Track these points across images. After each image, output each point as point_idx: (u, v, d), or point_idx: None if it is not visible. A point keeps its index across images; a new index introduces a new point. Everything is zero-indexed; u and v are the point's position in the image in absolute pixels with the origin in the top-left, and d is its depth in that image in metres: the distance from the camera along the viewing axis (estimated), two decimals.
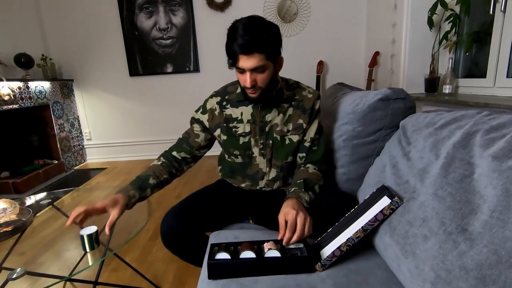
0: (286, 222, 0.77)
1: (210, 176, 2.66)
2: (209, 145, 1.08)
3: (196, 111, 1.06)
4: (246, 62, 0.83)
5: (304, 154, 1.01)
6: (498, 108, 1.40)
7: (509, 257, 0.44)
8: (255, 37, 0.80)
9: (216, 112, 1.01)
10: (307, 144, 1.01)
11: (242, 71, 0.86)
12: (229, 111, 1.00)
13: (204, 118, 1.02)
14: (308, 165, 0.99)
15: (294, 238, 0.76)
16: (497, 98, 1.62)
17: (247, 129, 0.99)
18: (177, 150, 1.04)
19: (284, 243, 0.76)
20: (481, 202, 0.52)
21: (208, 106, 1.02)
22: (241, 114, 0.99)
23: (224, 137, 1.01)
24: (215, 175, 1.25)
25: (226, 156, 1.07)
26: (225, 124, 1.00)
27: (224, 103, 1.01)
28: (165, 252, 1.50)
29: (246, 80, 0.85)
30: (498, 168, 0.52)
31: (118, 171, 2.98)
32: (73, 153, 3.15)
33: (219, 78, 3.11)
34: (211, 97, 1.04)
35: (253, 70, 0.84)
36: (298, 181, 0.91)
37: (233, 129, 1.00)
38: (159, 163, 1.01)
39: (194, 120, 1.05)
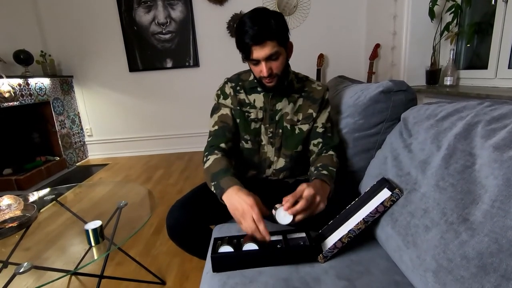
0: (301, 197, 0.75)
1: None
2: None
3: (218, 97, 1.04)
4: (259, 52, 0.85)
5: (320, 140, 1.01)
6: (499, 99, 1.40)
7: (510, 246, 0.45)
8: (264, 26, 0.82)
9: (232, 96, 1.02)
10: (320, 130, 1.01)
11: (256, 62, 0.88)
12: (242, 96, 1.02)
13: (228, 102, 1.03)
14: (331, 151, 0.98)
15: (300, 216, 0.73)
16: (499, 89, 1.61)
17: (260, 115, 1.01)
18: (224, 141, 0.97)
19: (290, 211, 0.73)
20: (482, 192, 0.53)
21: (227, 91, 1.03)
22: (254, 101, 1.01)
23: (238, 120, 1.03)
24: None
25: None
26: (238, 108, 1.02)
27: (238, 88, 1.03)
28: (169, 246, 1.52)
29: (262, 69, 0.87)
30: (499, 159, 0.52)
31: (120, 167, 2.99)
32: (74, 149, 3.16)
33: (219, 73, 3.11)
34: (225, 83, 1.05)
35: (268, 59, 0.86)
36: (330, 168, 0.91)
37: (246, 114, 1.02)
38: (219, 155, 0.92)
39: (222, 105, 1.03)
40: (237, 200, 0.75)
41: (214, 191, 0.85)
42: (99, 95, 3.27)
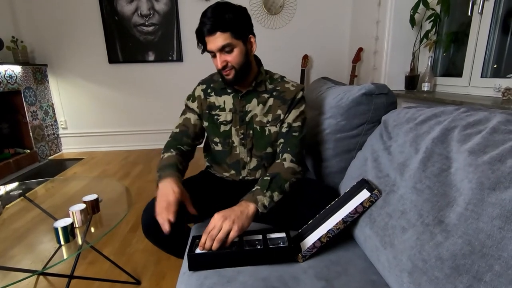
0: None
1: (192, 167, 2.62)
2: (203, 133, 1.08)
3: (188, 99, 1.06)
4: (212, 43, 0.87)
5: (282, 140, 0.99)
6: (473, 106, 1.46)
7: (481, 248, 0.46)
8: (217, 18, 0.84)
9: (202, 99, 1.03)
10: (284, 130, 0.99)
11: (213, 55, 0.90)
12: (213, 99, 1.03)
13: (194, 105, 1.04)
14: (285, 155, 0.95)
15: (213, 246, 0.72)
16: (472, 97, 1.69)
17: (229, 117, 1.01)
18: (180, 143, 1.01)
19: (204, 250, 0.73)
20: (457, 195, 0.54)
21: (196, 94, 1.05)
22: (224, 102, 1.01)
23: (206, 124, 1.04)
24: (197, 167, 1.23)
25: (210, 143, 1.08)
26: (207, 111, 1.03)
27: (209, 90, 1.03)
28: (145, 245, 1.47)
29: (217, 62, 0.89)
30: (473, 163, 0.54)
31: (96, 162, 2.88)
32: (47, 142, 3.00)
33: (203, 69, 3.04)
34: (198, 85, 1.06)
35: (222, 51, 0.88)
36: (265, 177, 0.88)
37: (215, 117, 1.02)
38: (175, 153, 0.96)
39: (188, 109, 1.05)
40: (166, 186, 0.81)
41: (157, 179, 0.88)
42: (76, 86, 3.13)
